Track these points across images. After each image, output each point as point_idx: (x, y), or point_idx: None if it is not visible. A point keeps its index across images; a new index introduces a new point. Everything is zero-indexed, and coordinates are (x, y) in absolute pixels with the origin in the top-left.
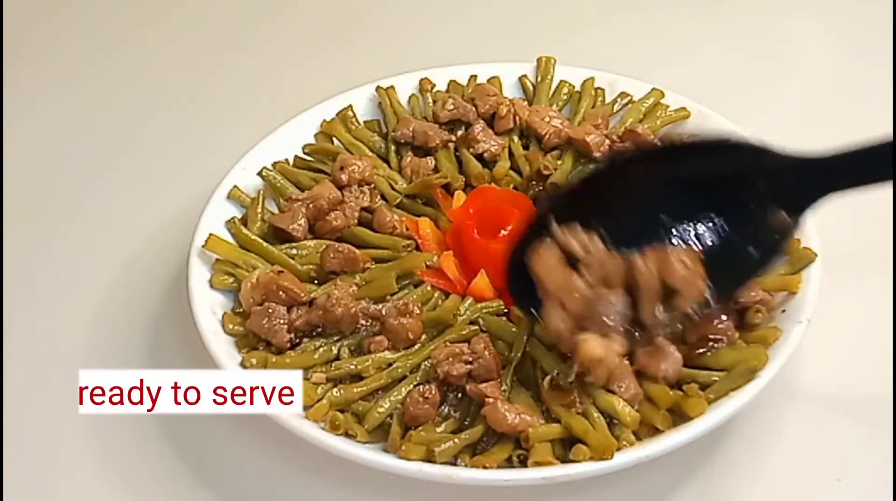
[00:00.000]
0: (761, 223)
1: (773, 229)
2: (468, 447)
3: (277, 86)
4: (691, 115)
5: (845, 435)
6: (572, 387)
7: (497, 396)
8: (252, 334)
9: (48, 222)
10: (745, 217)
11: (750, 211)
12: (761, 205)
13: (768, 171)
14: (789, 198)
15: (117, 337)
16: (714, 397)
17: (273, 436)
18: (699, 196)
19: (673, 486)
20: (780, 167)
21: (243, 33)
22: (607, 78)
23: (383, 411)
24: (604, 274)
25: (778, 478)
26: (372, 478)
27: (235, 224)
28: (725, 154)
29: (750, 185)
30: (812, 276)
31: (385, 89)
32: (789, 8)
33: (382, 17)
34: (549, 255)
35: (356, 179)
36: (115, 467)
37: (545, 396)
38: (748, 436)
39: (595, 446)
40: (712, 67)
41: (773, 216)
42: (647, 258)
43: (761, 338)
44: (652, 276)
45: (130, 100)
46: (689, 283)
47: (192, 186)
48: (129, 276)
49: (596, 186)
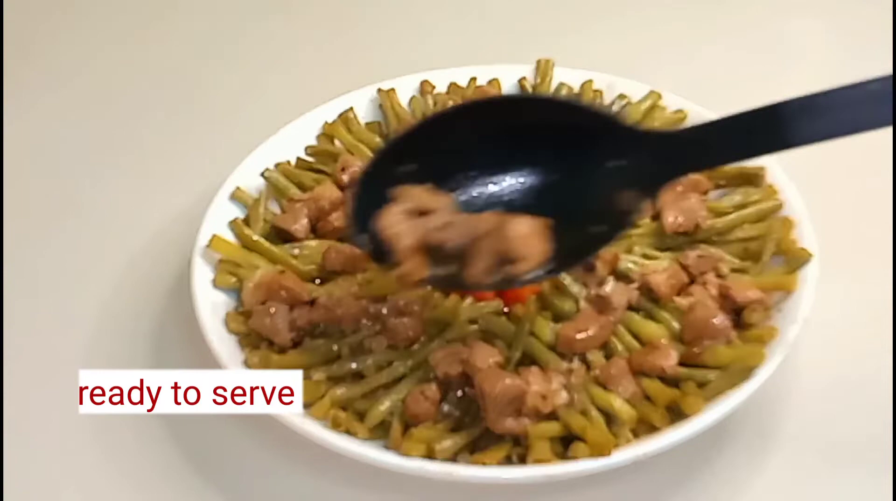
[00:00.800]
0: (613, 196)
1: (624, 203)
2: (468, 444)
3: (280, 88)
4: (689, 116)
5: (844, 435)
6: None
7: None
8: (254, 333)
9: (51, 221)
10: (597, 187)
11: (603, 183)
12: (614, 178)
13: (624, 145)
14: (643, 176)
15: (120, 336)
16: (711, 395)
17: (274, 433)
18: (551, 161)
19: (670, 484)
20: (635, 143)
21: (246, 36)
22: (606, 79)
23: (384, 409)
24: (446, 230)
25: (775, 477)
26: (373, 475)
27: (238, 225)
28: (585, 118)
29: (605, 156)
30: (809, 275)
31: (386, 91)
32: (789, 8)
33: (383, 20)
34: (392, 217)
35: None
36: (116, 466)
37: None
38: (745, 434)
39: (593, 443)
40: (711, 67)
41: (626, 192)
42: (490, 219)
43: (758, 337)
44: (490, 235)
45: (133, 100)
46: (530, 249)
47: (195, 187)
48: (133, 276)
49: (443, 128)
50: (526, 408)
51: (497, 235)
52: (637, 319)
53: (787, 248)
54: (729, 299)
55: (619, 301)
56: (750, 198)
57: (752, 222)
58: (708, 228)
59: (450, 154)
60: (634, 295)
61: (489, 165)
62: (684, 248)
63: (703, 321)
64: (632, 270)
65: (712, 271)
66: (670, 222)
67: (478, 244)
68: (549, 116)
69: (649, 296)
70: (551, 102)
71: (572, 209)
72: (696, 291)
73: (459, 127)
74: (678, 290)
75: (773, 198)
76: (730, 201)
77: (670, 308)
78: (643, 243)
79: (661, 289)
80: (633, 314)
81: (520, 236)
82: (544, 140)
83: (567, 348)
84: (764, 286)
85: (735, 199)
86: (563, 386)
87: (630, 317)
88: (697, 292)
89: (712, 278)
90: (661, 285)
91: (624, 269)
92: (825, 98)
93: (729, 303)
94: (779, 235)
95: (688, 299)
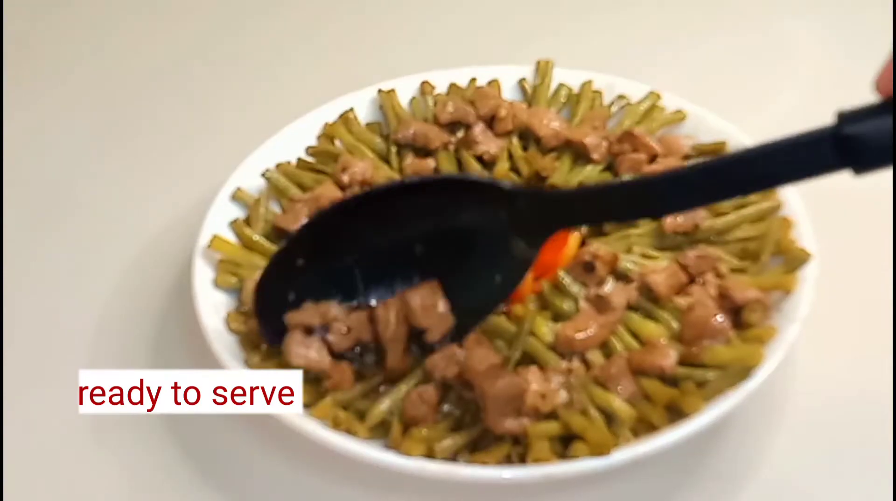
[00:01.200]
0: (504, 253)
1: (514, 258)
2: (468, 444)
3: (280, 88)
4: (688, 116)
5: (843, 435)
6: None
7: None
8: (255, 333)
9: (51, 222)
10: (489, 248)
11: (493, 242)
12: (502, 237)
13: (507, 207)
14: (527, 230)
15: (121, 336)
16: (710, 394)
17: (274, 433)
18: (446, 230)
19: (670, 483)
20: (518, 203)
21: (247, 35)
22: (605, 80)
23: (384, 409)
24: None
25: (774, 475)
26: (373, 475)
27: (239, 225)
28: (468, 191)
29: (492, 220)
30: (808, 275)
31: (386, 92)
32: (788, 8)
33: (384, 21)
34: (296, 347)
35: (358, 180)
36: (116, 466)
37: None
38: (744, 434)
39: (593, 443)
40: (711, 67)
41: (515, 246)
42: (388, 306)
43: (757, 337)
44: (392, 324)
45: (134, 100)
46: (433, 319)
47: (196, 188)
48: (134, 276)
49: (331, 223)
50: (525, 408)
51: (398, 314)
52: (636, 318)
53: (786, 248)
54: (728, 299)
55: (619, 301)
56: (749, 198)
57: (751, 221)
58: (707, 227)
59: (340, 243)
60: (634, 295)
61: (379, 250)
62: (683, 248)
63: (702, 321)
64: (631, 270)
65: (711, 270)
66: (669, 222)
67: (383, 336)
68: (431, 195)
69: (648, 296)
70: (431, 182)
71: (467, 267)
72: (696, 291)
73: (347, 220)
74: (677, 290)
75: (772, 198)
76: (729, 201)
77: (669, 308)
78: (642, 243)
79: (661, 289)
80: (632, 313)
81: (419, 308)
82: (430, 216)
83: (566, 347)
84: (763, 286)
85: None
86: (562, 386)
87: (629, 317)
88: (696, 291)
89: (711, 278)
90: (660, 284)
91: (623, 269)
92: (693, 174)
93: (728, 303)
94: (778, 235)
95: (687, 299)
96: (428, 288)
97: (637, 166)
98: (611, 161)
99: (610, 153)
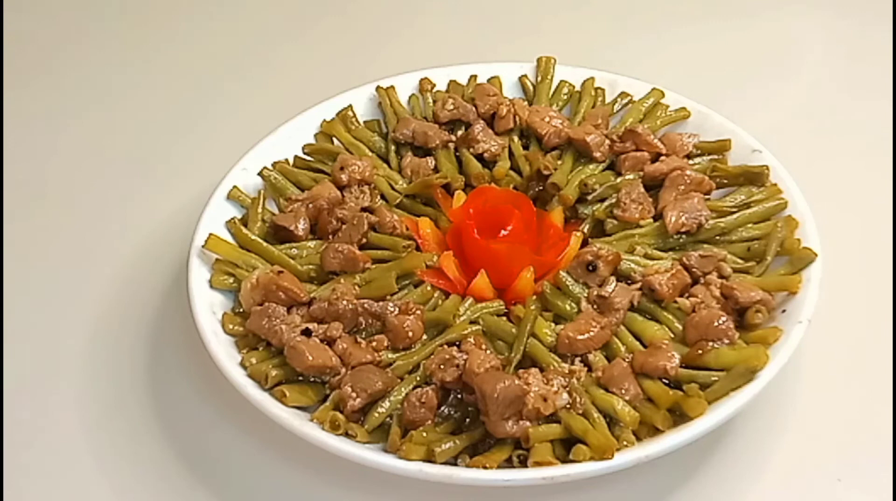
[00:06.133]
0: None
1: None
2: (468, 447)
3: (277, 86)
4: (691, 115)
5: (845, 435)
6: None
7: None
8: (252, 334)
9: (48, 221)
10: None
11: None
12: None
13: None
14: None
15: (117, 337)
16: (714, 397)
17: (274, 436)
18: None
19: (673, 486)
20: None
21: (244, 34)
22: (607, 78)
23: (383, 412)
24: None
25: (778, 478)
26: (372, 478)
27: (235, 224)
28: None
29: None
30: (812, 276)
31: (385, 89)
32: (789, 8)
33: (383, 17)
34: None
35: (356, 179)
36: (115, 467)
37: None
38: (748, 436)
39: (595, 446)
40: (712, 66)
41: None
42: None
43: (761, 338)
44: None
45: (131, 100)
46: None
47: (192, 187)
48: (130, 276)
49: None
50: (527, 410)
51: None
52: (639, 320)
53: (791, 248)
54: (732, 300)
55: (621, 302)
56: (753, 197)
57: (755, 221)
58: (711, 227)
59: None
60: (636, 296)
61: None
62: (687, 248)
63: (705, 322)
64: (634, 270)
65: (715, 271)
66: (673, 222)
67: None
68: None
69: (651, 297)
70: None
71: None
72: (699, 291)
73: None
74: (680, 290)
75: (776, 197)
76: (733, 201)
77: (672, 309)
78: (645, 244)
79: (664, 289)
80: (634, 314)
81: None
82: None
83: (568, 349)
84: (767, 287)
85: (738, 198)
86: (564, 388)
87: (632, 318)
88: (700, 292)
89: (715, 279)
90: (663, 285)
91: (626, 269)
92: None
93: (732, 304)
94: (783, 235)
95: (690, 300)
96: None
97: (640, 165)
98: (613, 160)
99: (612, 152)
